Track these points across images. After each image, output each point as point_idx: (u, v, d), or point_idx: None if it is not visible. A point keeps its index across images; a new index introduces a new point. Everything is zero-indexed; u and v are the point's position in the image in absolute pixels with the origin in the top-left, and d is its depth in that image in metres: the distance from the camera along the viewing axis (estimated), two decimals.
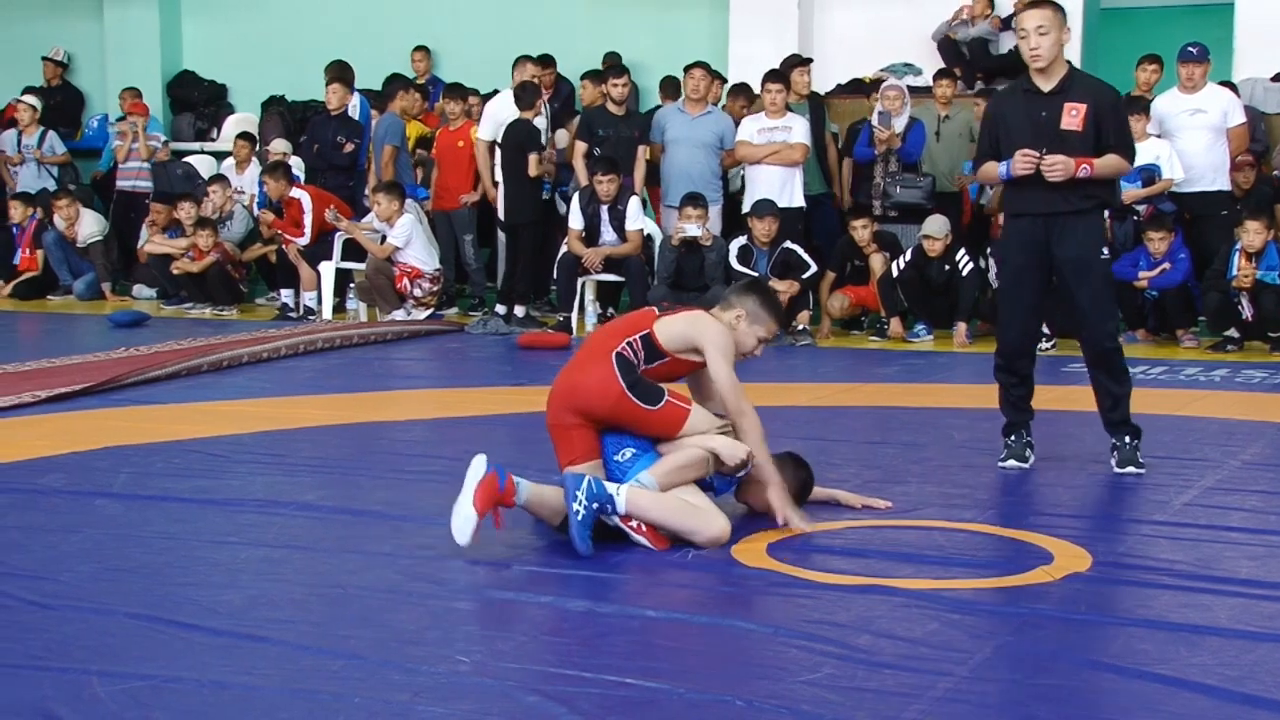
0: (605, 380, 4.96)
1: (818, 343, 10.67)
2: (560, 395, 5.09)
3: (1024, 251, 6.04)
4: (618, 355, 4.98)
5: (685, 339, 5.07)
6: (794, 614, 4.26)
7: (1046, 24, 5.86)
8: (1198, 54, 10.78)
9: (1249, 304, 9.93)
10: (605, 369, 4.97)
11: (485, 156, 11.97)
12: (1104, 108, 5.91)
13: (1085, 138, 5.86)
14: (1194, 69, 10.73)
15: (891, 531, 5.21)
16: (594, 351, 5.08)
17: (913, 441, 6.87)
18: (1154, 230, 10.24)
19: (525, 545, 5.01)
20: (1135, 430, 6.12)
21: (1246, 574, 4.66)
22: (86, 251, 13.77)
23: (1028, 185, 5.92)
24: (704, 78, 11.47)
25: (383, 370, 9.58)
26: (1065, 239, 5.94)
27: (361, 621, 4.20)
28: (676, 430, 4.99)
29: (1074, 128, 5.87)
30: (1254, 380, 8.74)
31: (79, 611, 4.25)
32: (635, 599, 4.48)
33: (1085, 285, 5.98)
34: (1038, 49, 5.86)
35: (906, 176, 11.34)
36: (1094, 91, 5.97)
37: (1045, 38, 5.85)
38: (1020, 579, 4.62)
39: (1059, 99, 5.90)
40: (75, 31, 16.31)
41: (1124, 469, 6.05)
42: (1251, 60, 12.38)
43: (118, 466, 6.27)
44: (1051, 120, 5.89)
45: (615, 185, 10.91)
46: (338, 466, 6.45)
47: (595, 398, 4.97)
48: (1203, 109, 10.67)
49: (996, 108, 6.23)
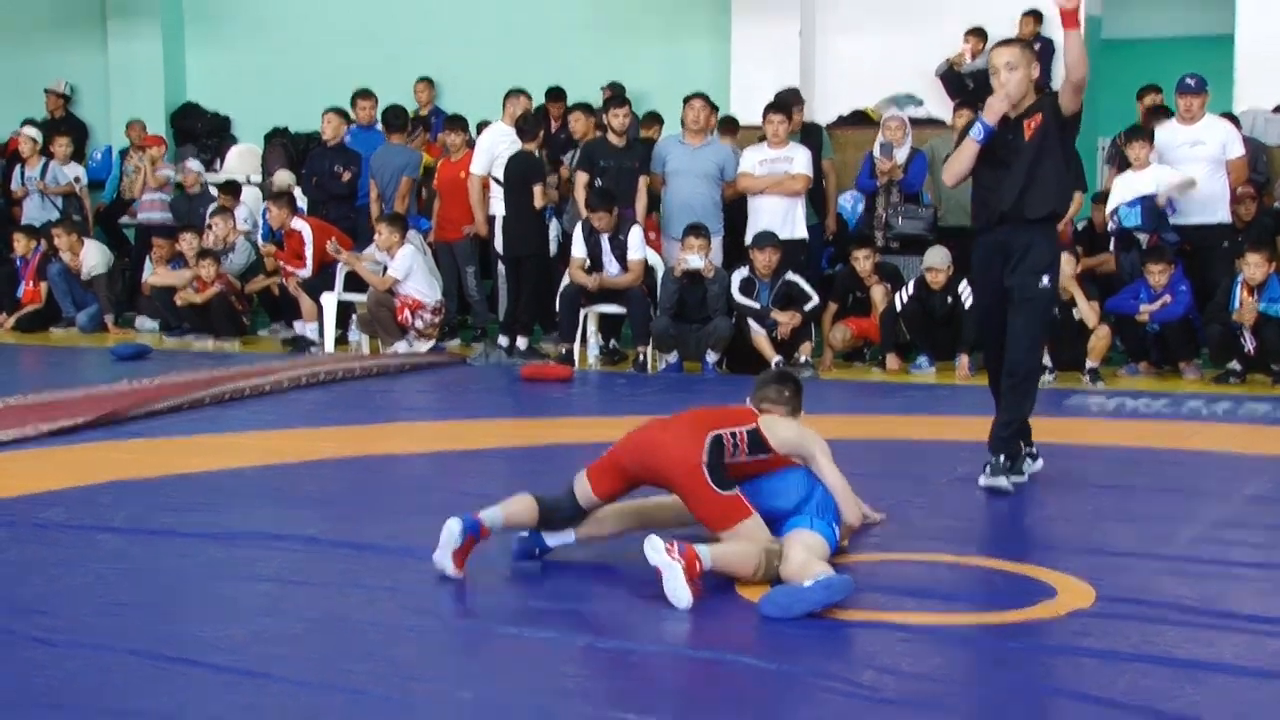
0: (689, 449, 4.94)
1: (820, 374, 10.66)
2: (638, 446, 5.08)
3: (986, 273, 6.45)
4: (715, 437, 5.00)
5: (795, 448, 5.20)
6: (797, 649, 4.24)
7: (1015, 60, 6.29)
8: (1195, 86, 10.80)
9: (1251, 337, 9.92)
10: (695, 441, 4.96)
11: (478, 190, 11.98)
12: (1047, 106, 6.28)
13: (1044, 146, 6.25)
14: (1192, 100, 10.75)
15: (895, 565, 5.20)
16: (693, 423, 5.10)
17: (916, 474, 6.86)
18: (1153, 263, 10.24)
19: (527, 580, 5.00)
20: (1016, 452, 6.39)
21: (1252, 610, 4.64)
22: (91, 284, 13.77)
23: (989, 198, 6.34)
24: (703, 108, 11.47)
25: (385, 403, 9.58)
26: (1016, 260, 6.29)
27: (363, 656, 4.19)
28: (730, 524, 4.92)
29: (1035, 137, 6.27)
30: (1257, 413, 8.73)
31: (80, 647, 4.24)
32: (636, 634, 4.46)
33: (1021, 310, 6.29)
34: (1007, 84, 6.25)
35: (908, 207, 11.36)
36: (1047, 102, 6.36)
37: (1015, 73, 6.26)
38: (1024, 614, 4.61)
39: (1022, 119, 6.29)
40: (79, 64, 16.36)
41: (994, 479, 6.29)
42: (1252, 92, 12.40)
43: (120, 500, 6.26)
44: (1018, 139, 6.27)
45: (610, 220, 10.92)
46: (339, 500, 6.44)
47: (673, 461, 4.94)
48: (1202, 140, 10.69)
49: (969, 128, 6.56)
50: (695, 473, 4.91)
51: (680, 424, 5.13)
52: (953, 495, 6.34)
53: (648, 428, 5.17)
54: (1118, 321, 10.37)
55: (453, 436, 8.18)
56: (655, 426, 5.17)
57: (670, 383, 10.34)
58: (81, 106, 16.43)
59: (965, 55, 12.86)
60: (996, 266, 6.39)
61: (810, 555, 4.82)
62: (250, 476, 6.87)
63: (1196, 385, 9.99)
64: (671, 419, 5.21)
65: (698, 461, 4.91)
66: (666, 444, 5.00)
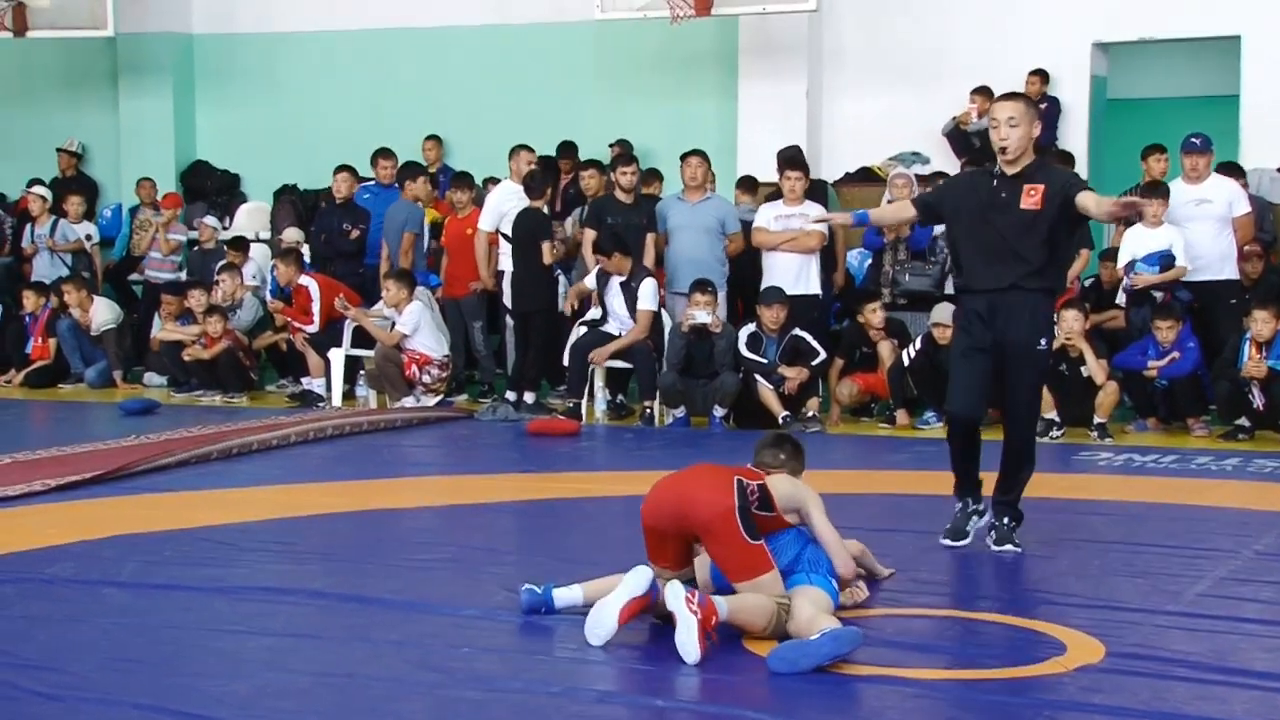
0: (720, 493, 4.93)
1: (827, 429, 10.66)
2: (666, 499, 5.05)
3: (970, 334, 6.17)
4: (739, 482, 5.00)
5: (792, 500, 5.20)
6: (805, 705, 4.22)
7: (1018, 117, 6.04)
8: (1200, 145, 10.84)
9: (1260, 393, 9.91)
10: (724, 486, 4.96)
11: (485, 247, 12.03)
12: (1058, 186, 6.02)
13: (1041, 218, 5.97)
14: (1197, 159, 10.79)
15: (903, 620, 5.18)
16: (715, 471, 5.11)
17: (924, 529, 6.83)
18: (1162, 319, 10.25)
19: (534, 634, 4.98)
20: (1018, 515, 6.27)
21: (1262, 666, 4.62)
22: (100, 339, 13.82)
23: (978, 261, 6.11)
24: (700, 165, 11.57)
25: (392, 457, 9.57)
26: (1010, 322, 6.05)
27: (369, 711, 4.18)
28: (751, 575, 4.90)
29: (1032, 207, 5.99)
30: (1266, 470, 8.70)
31: (86, 702, 4.23)
32: (645, 689, 4.45)
33: (1021, 373, 6.12)
34: (1006, 140, 6.04)
35: (915, 264, 11.39)
36: (1053, 174, 6.17)
37: (1015, 130, 6.03)
38: (1033, 670, 4.59)
39: (1020, 180, 6.04)
40: (90, 123, 16.44)
41: (1001, 547, 6.17)
42: (1257, 151, 12.44)
43: (126, 555, 6.25)
44: (1011, 200, 6.03)
45: (622, 264, 10.95)
46: (346, 554, 6.42)
47: (703, 505, 4.92)
48: (1208, 199, 10.72)
49: (961, 177, 6.53)
50: (729, 517, 4.88)
51: (702, 472, 5.15)
52: (962, 550, 6.31)
53: (668, 484, 5.13)
54: (1126, 377, 10.36)
55: (460, 491, 8.17)
56: (674, 480, 5.14)
57: (677, 437, 10.33)
58: (93, 165, 16.52)
59: (971, 114, 12.92)
60: (985, 320, 6.11)
61: (817, 610, 4.80)
62: (257, 531, 6.86)
63: (1205, 442, 9.96)
64: (689, 471, 5.22)
65: (731, 505, 4.90)
66: (698, 489, 4.99)
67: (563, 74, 14.80)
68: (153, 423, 10.77)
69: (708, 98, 14.27)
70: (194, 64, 16.32)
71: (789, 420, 10.56)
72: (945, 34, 13.44)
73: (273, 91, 15.95)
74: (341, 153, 13.68)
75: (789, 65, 13.74)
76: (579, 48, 14.65)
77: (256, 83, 16.02)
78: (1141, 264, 10.55)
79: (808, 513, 5.20)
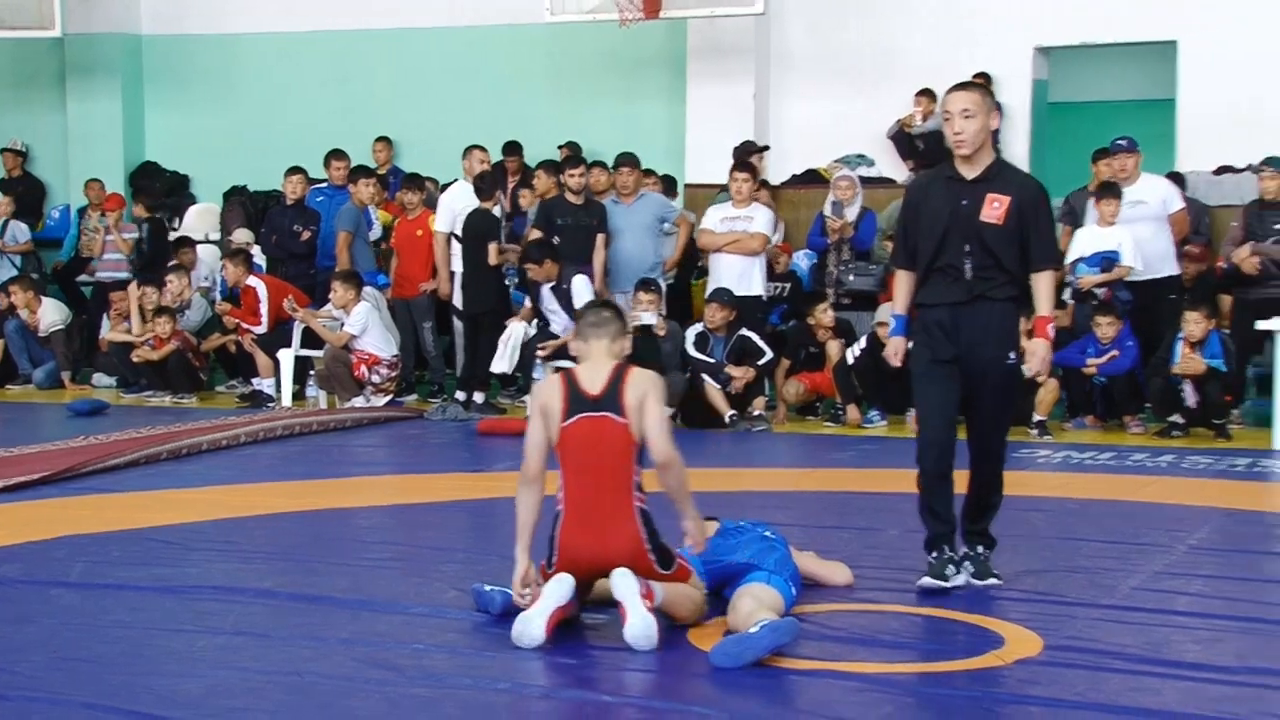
0: (638, 556, 4.86)
1: (774, 428, 10.71)
2: (588, 557, 4.88)
3: (932, 347, 5.58)
4: (640, 512, 4.90)
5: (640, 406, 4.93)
6: (748, 699, 4.26)
7: (973, 108, 5.48)
8: (1127, 145, 10.96)
9: (1193, 391, 10.04)
10: (634, 540, 4.87)
11: (443, 248, 12.03)
12: (1026, 203, 5.50)
13: (1006, 231, 5.47)
14: (1125, 160, 10.90)
15: (846, 616, 5.22)
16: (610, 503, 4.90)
17: (868, 526, 6.89)
18: (1102, 316, 10.36)
19: (483, 632, 4.99)
20: (990, 541, 5.73)
21: (1194, 658, 4.69)
22: (48, 340, 13.70)
23: (941, 275, 5.56)
24: (631, 174, 11.65)
25: (342, 457, 9.55)
26: (977, 336, 5.52)
27: (319, 709, 4.18)
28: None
29: (994, 220, 5.47)
30: (1199, 466, 8.82)
31: (35, 702, 4.21)
32: (592, 684, 4.47)
33: (989, 392, 5.57)
34: (962, 134, 5.48)
35: (859, 264, 11.49)
36: (1019, 184, 5.59)
37: (971, 122, 5.46)
38: (973, 663, 4.64)
39: (982, 188, 5.51)
40: (38, 124, 16.29)
41: (984, 581, 5.62)
42: (1193, 154, 12.59)
43: (75, 555, 6.21)
44: (972, 209, 5.48)
45: (546, 270, 10.95)
46: (296, 553, 6.41)
47: (623, 562, 4.84)
48: (1143, 200, 10.84)
49: (912, 196, 5.79)
50: (648, 568, 4.87)
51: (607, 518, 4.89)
52: (904, 546, 6.34)
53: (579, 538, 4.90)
54: (1065, 375, 10.46)
55: (410, 490, 8.16)
56: (583, 532, 4.89)
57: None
58: (39, 165, 16.36)
59: (916, 116, 13.02)
60: (948, 337, 5.56)
61: (758, 605, 4.84)
62: (206, 531, 6.84)
63: (1140, 439, 10.08)
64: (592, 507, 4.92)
65: (648, 566, 4.87)
66: (612, 549, 4.86)
67: (513, 76, 14.80)
68: (101, 424, 10.69)
69: (656, 99, 14.30)
70: (143, 65, 16.19)
71: (736, 419, 10.61)
72: (891, 38, 13.53)
73: (223, 93, 15.86)
74: (292, 154, 13.62)
75: (737, 68, 13.79)
76: (529, 50, 14.65)
77: (206, 84, 15.92)
78: (1083, 265, 10.65)
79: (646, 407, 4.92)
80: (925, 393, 5.66)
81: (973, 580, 5.63)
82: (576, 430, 4.95)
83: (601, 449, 4.93)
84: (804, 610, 5.20)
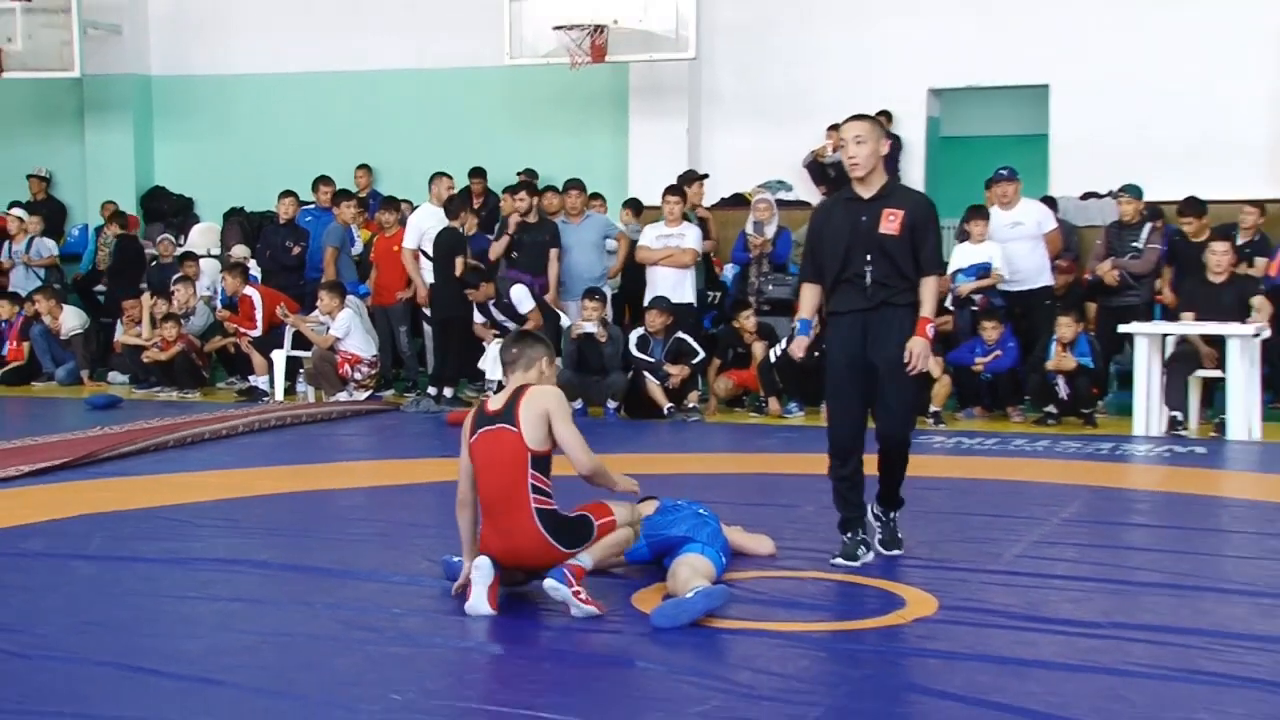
0: (547, 552, 4.73)
1: (706, 419, 10.70)
2: (506, 558, 4.77)
3: (844, 350, 5.56)
4: (536, 490, 4.75)
5: (540, 420, 4.81)
6: (686, 655, 4.24)
7: (864, 134, 5.51)
8: (1008, 175, 11.04)
9: (1065, 385, 10.12)
10: (537, 539, 4.73)
11: (412, 262, 11.95)
12: (919, 217, 5.51)
13: (901, 241, 5.47)
14: (1006, 187, 10.97)
15: (769, 581, 5.22)
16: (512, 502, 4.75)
17: (788, 503, 6.89)
18: (987, 321, 10.43)
19: (453, 598, 4.95)
20: (899, 503, 5.74)
21: (1067, 615, 4.71)
22: (69, 343, 13.56)
23: (848, 286, 5.55)
24: (579, 196, 11.71)
25: (328, 445, 9.46)
26: (881, 338, 5.49)
27: (307, 666, 4.13)
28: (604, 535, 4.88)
29: (891, 232, 5.47)
30: (1070, 450, 8.88)
31: (53, 660, 4.14)
32: (550, 643, 4.44)
33: (894, 384, 5.50)
34: (855, 158, 5.51)
35: (776, 276, 11.52)
36: (912, 201, 5.61)
37: (862, 147, 5.50)
38: (879, 621, 4.64)
39: (878, 204, 5.51)
40: (59, 153, 16.11)
41: (890, 550, 5.64)
42: (1064, 181, 12.69)
43: (92, 531, 6.12)
44: (871, 224, 5.48)
45: (484, 293, 10.91)
46: (288, 529, 6.34)
47: (542, 561, 4.74)
48: (1020, 221, 10.90)
49: (815, 221, 5.80)
50: (557, 558, 4.76)
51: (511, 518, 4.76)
52: (819, 520, 6.34)
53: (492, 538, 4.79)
54: (956, 371, 10.52)
55: (387, 474, 8.10)
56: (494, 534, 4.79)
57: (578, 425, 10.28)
58: (61, 189, 16.15)
59: (827, 148, 13.05)
60: (857, 340, 5.53)
61: (694, 573, 4.82)
62: (209, 509, 6.75)
63: (1021, 427, 10.14)
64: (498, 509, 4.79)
65: (560, 555, 4.75)
66: (524, 551, 4.75)
67: (477, 112, 14.72)
68: (116, 416, 10.55)
69: (603, 133, 14.27)
70: (152, 101, 16.00)
71: (673, 411, 10.60)
72: (806, 80, 13.55)
73: (223, 126, 15.71)
74: (283, 179, 13.52)
75: (672, 106, 13.79)
76: (491, 89, 14.58)
77: (208, 118, 15.76)
78: (961, 275, 10.71)
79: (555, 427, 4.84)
80: (836, 393, 5.67)
81: (879, 549, 5.64)
82: (480, 443, 4.87)
83: (497, 455, 4.81)
84: (733, 577, 5.20)
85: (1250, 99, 12.39)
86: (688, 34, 12.87)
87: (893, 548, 5.69)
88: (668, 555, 5.15)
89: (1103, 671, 4.04)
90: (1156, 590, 5.08)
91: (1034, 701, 3.76)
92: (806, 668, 4.12)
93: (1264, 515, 6.67)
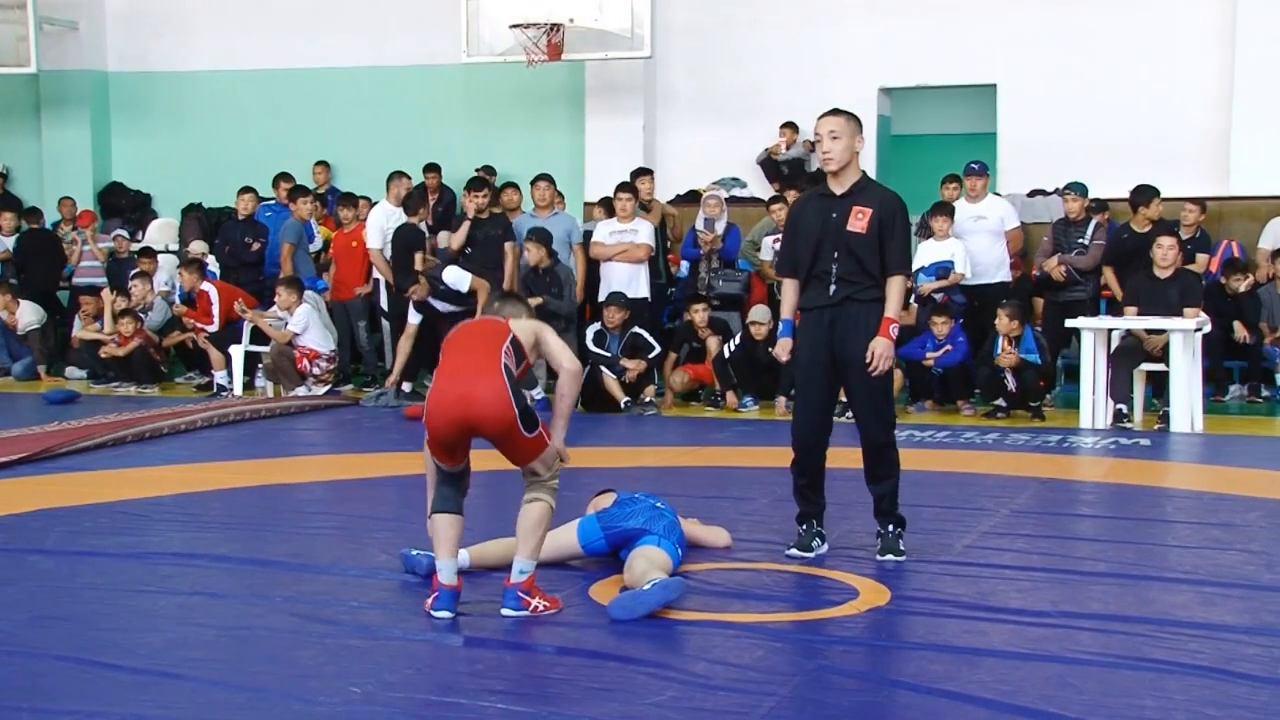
0: (502, 408, 4.50)
1: (662, 412, 10.71)
2: (454, 417, 4.50)
3: (811, 349, 5.51)
4: (507, 370, 4.56)
5: (529, 333, 4.81)
6: (642, 645, 4.24)
7: (839, 130, 5.45)
8: (979, 169, 11.14)
9: (1013, 379, 10.19)
10: (499, 390, 4.51)
11: (379, 259, 11.88)
12: (886, 215, 5.47)
13: (869, 239, 5.43)
14: (976, 181, 11.07)
15: (725, 573, 5.22)
16: (481, 365, 4.55)
17: (742, 496, 6.90)
18: (937, 316, 10.48)
19: (410, 591, 4.93)
20: (900, 520, 5.59)
21: (1016, 604, 4.74)
22: (26, 338, 13.39)
23: (817, 282, 5.51)
24: (547, 188, 11.64)
25: (287, 439, 9.38)
26: (848, 336, 5.44)
27: (267, 659, 4.10)
28: (534, 458, 4.64)
29: (859, 230, 5.43)
30: (1019, 442, 8.95)
31: (11, 655, 4.08)
32: (507, 635, 4.42)
33: (864, 383, 5.44)
34: (829, 153, 5.46)
35: (726, 271, 11.54)
36: (880, 199, 5.52)
37: (837, 142, 5.44)
38: (832, 612, 4.66)
39: (849, 201, 5.47)
40: (16, 149, 15.91)
41: (884, 556, 5.48)
42: (1011, 178, 12.78)
43: (50, 526, 6.05)
44: (840, 221, 5.45)
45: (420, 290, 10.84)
46: (246, 523, 6.28)
47: (490, 422, 4.51)
48: (984, 215, 10.99)
49: (793, 213, 5.76)
50: (512, 427, 4.54)
51: (473, 370, 4.55)
52: (773, 513, 6.38)
53: (448, 388, 4.55)
54: (908, 366, 10.57)
55: (346, 468, 8.05)
56: (453, 382, 4.55)
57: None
58: (18, 185, 15.94)
59: (781, 146, 13.08)
60: (823, 336, 5.48)
61: (650, 565, 4.81)
62: (167, 504, 6.68)
63: (971, 420, 10.20)
64: (459, 364, 4.60)
65: (512, 418, 4.53)
66: (481, 402, 4.50)
67: (434, 109, 14.65)
68: (74, 411, 10.43)
69: (559, 130, 14.23)
70: (109, 98, 15.82)
71: (630, 405, 10.59)
72: (759, 78, 13.59)
73: (180, 122, 15.56)
74: (242, 175, 13.43)
75: (628, 103, 13.78)
76: (448, 86, 14.52)
77: (166, 115, 15.61)
78: (922, 275, 10.76)
79: (542, 339, 4.86)
80: (803, 390, 5.62)
81: (876, 555, 5.50)
82: (459, 331, 4.77)
83: (480, 336, 4.70)
84: (689, 569, 5.20)
85: (1192, 99, 12.54)
86: (643, 33, 12.87)
87: (886, 554, 5.49)
88: (625, 548, 5.15)
89: (1051, 659, 4.08)
90: (1103, 580, 5.12)
91: (985, 690, 3.78)
92: (762, 658, 4.12)
93: (1206, 506, 6.74)
